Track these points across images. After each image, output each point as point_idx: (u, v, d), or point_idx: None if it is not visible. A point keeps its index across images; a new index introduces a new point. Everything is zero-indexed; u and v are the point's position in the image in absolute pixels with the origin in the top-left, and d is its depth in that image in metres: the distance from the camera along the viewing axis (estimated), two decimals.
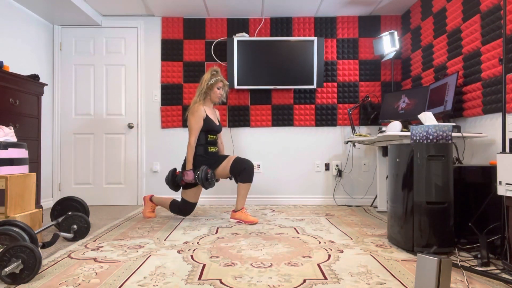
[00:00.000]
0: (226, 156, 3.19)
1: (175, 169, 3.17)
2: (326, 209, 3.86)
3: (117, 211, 3.76)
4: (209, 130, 3.13)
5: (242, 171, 3.08)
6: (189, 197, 3.16)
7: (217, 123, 3.21)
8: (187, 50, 4.20)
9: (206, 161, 3.10)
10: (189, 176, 3.03)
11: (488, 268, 1.87)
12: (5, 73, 2.85)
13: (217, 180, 3.19)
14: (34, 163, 3.14)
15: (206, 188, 3.05)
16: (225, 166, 3.12)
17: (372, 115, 4.07)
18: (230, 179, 3.23)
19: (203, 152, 3.12)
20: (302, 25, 4.21)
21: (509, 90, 2.32)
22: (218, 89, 3.16)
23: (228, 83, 3.30)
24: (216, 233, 2.74)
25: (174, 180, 3.13)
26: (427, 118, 2.37)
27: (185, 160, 3.14)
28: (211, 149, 3.17)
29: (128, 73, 4.23)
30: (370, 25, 4.19)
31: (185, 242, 2.45)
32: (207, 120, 3.10)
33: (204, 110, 3.10)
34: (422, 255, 1.48)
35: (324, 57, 4.18)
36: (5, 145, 2.32)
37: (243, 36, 4.04)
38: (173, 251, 2.24)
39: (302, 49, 4.03)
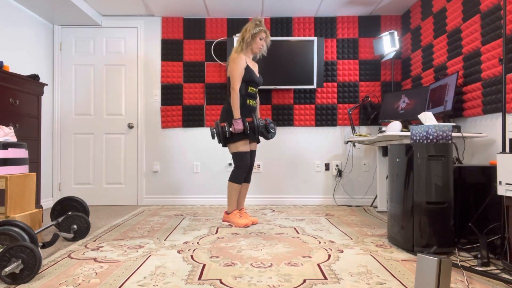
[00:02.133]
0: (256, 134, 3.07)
1: (218, 121, 2.99)
2: (326, 209, 3.86)
3: (117, 211, 3.76)
4: (250, 80, 2.99)
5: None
6: (243, 148, 2.99)
7: (258, 75, 3.09)
8: (187, 50, 4.20)
9: (242, 112, 2.97)
10: (239, 125, 2.89)
11: (488, 268, 1.87)
12: (5, 73, 2.85)
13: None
14: (34, 163, 3.14)
15: (254, 138, 2.96)
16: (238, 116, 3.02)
17: (372, 115, 4.07)
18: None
19: (241, 104, 2.98)
20: (302, 25, 4.21)
21: (509, 90, 2.32)
22: (261, 39, 3.01)
23: (270, 36, 3.12)
24: (216, 233, 2.74)
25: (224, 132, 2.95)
26: (427, 118, 2.37)
27: (223, 112, 3.02)
28: (250, 102, 3.03)
29: (128, 73, 4.23)
30: (370, 25, 4.19)
31: (185, 242, 2.45)
32: (247, 69, 2.97)
33: (245, 59, 2.99)
34: (422, 255, 1.48)
35: (324, 57, 4.18)
36: (5, 145, 2.32)
37: None
38: (173, 251, 2.24)
39: (302, 49, 4.03)
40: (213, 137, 3.00)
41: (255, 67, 3.12)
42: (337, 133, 4.23)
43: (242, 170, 3.00)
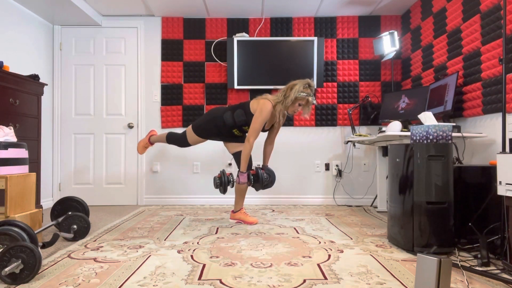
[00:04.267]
0: (242, 142, 3.05)
1: (224, 170, 3.01)
2: (326, 209, 3.86)
3: (117, 211, 3.76)
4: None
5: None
6: (192, 141, 3.08)
7: (266, 127, 3.01)
8: (187, 50, 4.20)
9: (223, 128, 2.97)
10: (244, 179, 2.89)
11: (488, 268, 1.87)
12: (5, 73, 2.85)
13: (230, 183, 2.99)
14: (34, 163, 3.14)
15: (257, 190, 3.00)
16: (234, 147, 3.06)
17: (372, 115, 4.07)
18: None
19: (228, 123, 2.94)
20: (302, 25, 4.21)
21: (509, 90, 2.32)
22: (300, 105, 2.87)
23: (314, 102, 2.96)
24: (216, 233, 2.74)
25: (226, 182, 2.93)
26: (427, 118, 2.37)
27: (209, 115, 2.99)
28: (236, 132, 3.02)
29: (128, 73, 4.23)
30: (370, 25, 4.19)
31: (185, 242, 2.45)
32: None
33: (270, 112, 2.86)
34: (422, 255, 1.48)
35: (324, 57, 4.18)
36: (5, 145, 2.32)
37: (243, 36, 4.04)
38: (173, 251, 2.24)
39: (302, 49, 4.03)
40: (216, 187, 2.94)
41: (274, 119, 2.96)
42: (337, 133, 4.23)
43: (175, 142, 3.16)
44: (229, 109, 3.01)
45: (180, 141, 3.15)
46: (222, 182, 2.90)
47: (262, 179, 2.94)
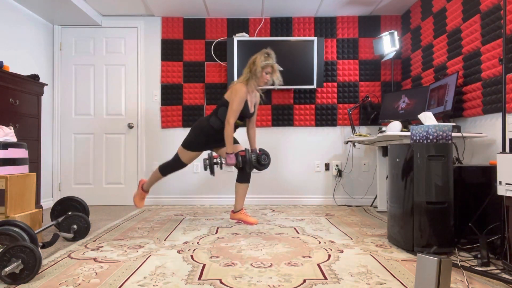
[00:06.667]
0: (237, 142, 3.12)
1: (212, 152, 3.01)
2: (326, 209, 3.86)
3: (117, 211, 3.76)
4: (240, 115, 2.97)
5: (240, 170, 3.07)
6: (186, 159, 3.08)
7: (252, 110, 3.03)
8: (187, 50, 4.20)
9: (215, 135, 3.00)
10: (232, 160, 2.89)
11: (488, 268, 1.87)
12: (5, 73, 2.85)
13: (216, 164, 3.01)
14: (34, 163, 3.14)
15: (248, 171, 3.00)
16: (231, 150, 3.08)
17: (372, 115, 4.07)
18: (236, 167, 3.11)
19: (217, 127, 2.98)
20: (302, 25, 4.21)
21: (509, 90, 2.32)
22: (267, 73, 2.93)
23: (280, 68, 3.01)
24: (216, 233, 2.74)
25: (213, 164, 2.94)
26: (427, 118, 2.37)
27: (197, 128, 3.01)
28: None
29: (128, 73, 4.23)
30: (370, 25, 4.19)
31: (185, 242, 2.45)
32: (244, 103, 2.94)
33: (246, 93, 2.90)
34: (422, 255, 1.48)
35: (324, 57, 4.18)
36: (5, 145, 2.32)
37: (243, 36, 4.04)
38: (173, 251, 2.24)
39: (302, 49, 4.03)
40: (205, 169, 2.97)
41: (252, 100, 3.01)
42: (337, 133, 4.23)
43: (170, 169, 3.13)
44: (211, 114, 3.04)
45: (174, 165, 3.12)
46: (211, 164, 2.93)
47: (250, 160, 2.94)
